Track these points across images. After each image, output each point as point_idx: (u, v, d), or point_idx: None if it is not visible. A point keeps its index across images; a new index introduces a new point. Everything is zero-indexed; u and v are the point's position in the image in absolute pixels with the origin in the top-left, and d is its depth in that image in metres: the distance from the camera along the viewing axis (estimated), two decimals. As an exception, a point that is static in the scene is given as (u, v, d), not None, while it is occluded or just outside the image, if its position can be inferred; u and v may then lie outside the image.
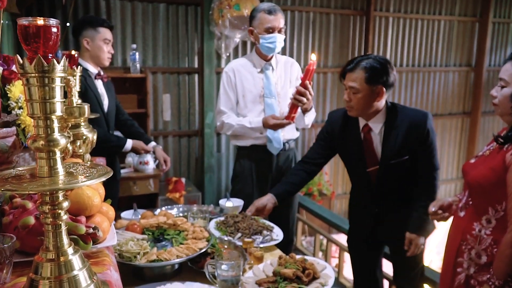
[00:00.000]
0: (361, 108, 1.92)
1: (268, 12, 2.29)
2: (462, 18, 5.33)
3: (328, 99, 4.87)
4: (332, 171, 5.07)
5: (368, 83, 1.85)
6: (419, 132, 1.90)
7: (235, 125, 2.39)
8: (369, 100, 1.89)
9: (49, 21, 0.65)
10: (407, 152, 1.93)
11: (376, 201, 2.07)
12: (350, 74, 1.89)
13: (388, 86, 1.89)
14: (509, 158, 1.37)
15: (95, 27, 2.51)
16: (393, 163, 1.95)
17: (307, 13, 4.56)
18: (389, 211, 2.06)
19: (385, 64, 1.86)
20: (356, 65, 1.87)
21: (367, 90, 1.86)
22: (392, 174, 1.98)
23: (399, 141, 1.92)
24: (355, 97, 1.89)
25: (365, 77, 1.84)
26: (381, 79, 1.85)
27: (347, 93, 1.92)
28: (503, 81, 1.45)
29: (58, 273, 0.66)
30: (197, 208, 2.11)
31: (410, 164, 1.95)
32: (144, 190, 3.52)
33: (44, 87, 0.63)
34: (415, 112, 1.97)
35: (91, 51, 2.51)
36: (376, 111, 1.95)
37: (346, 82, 1.91)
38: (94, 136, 1.40)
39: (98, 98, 2.52)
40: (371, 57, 1.89)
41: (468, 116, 5.64)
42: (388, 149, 1.95)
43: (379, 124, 1.97)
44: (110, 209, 1.14)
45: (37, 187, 0.62)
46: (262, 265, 1.58)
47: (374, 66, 1.84)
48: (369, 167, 2.01)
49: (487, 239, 1.44)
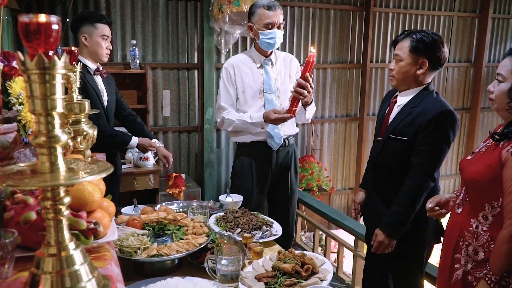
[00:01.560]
0: (401, 78, 1.94)
1: (267, 8, 2.29)
2: (462, 13, 5.33)
3: (328, 95, 4.88)
4: (332, 167, 5.08)
5: (412, 52, 1.88)
6: (423, 119, 1.85)
7: (236, 120, 2.39)
8: (409, 69, 1.90)
9: (50, 18, 0.65)
10: (407, 135, 1.89)
11: (373, 175, 2.10)
12: (400, 43, 1.93)
13: (434, 61, 1.89)
14: (505, 154, 1.38)
15: (93, 23, 2.49)
16: (392, 138, 1.93)
17: (307, 8, 4.55)
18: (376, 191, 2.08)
19: (435, 39, 1.88)
20: (407, 35, 1.92)
21: (410, 59, 1.89)
22: (389, 151, 1.97)
23: (407, 121, 1.90)
24: (398, 65, 1.93)
25: (411, 46, 1.88)
26: (426, 51, 1.87)
27: (393, 62, 1.97)
28: (501, 76, 1.46)
29: (60, 267, 0.67)
30: (197, 204, 2.11)
31: (405, 151, 1.90)
32: (144, 185, 3.54)
33: (45, 83, 0.64)
34: (436, 101, 1.90)
35: (89, 47, 2.51)
36: (414, 86, 1.95)
37: (394, 51, 1.96)
38: (94, 132, 1.40)
39: (98, 93, 2.52)
40: (424, 31, 1.91)
41: (467, 112, 5.65)
42: (394, 124, 1.95)
43: (405, 99, 1.97)
44: (110, 205, 1.15)
45: (39, 183, 0.63)
46: (262, 260, 1.59)
47: (422, 39, 1.87)
48: (380, 137, 2.04)
49: (484, 235, 1.45)
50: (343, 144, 5.11)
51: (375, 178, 2.10)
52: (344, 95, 4.97)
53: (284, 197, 2.60)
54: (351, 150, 5.16)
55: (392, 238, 1.92)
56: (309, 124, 4.76)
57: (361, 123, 5.07)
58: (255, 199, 2.51)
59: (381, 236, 1.93)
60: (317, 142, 4.91)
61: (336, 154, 5.09)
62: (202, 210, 1.92)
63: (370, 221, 2.21)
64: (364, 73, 4.94)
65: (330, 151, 5.04)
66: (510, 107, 1.43)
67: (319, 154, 4.94)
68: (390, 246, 1.94)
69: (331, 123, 4.98)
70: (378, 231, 1.95)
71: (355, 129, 5.13)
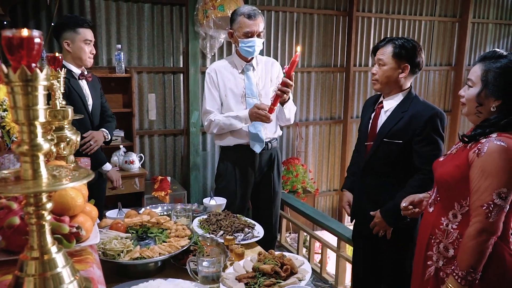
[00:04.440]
0: (384, 82, 2.04)
1: (247, 16, 2.34)
2: (442, 18, 5.46)
3: (312, 98, 4.95)
4: (316, 168, 5.15)
5: (395, 57, 1.98)
6: (418, 122, 1.97)
7: (222, 119, 2.43)
8: (392, 74, 2.01)
9: (32, 33, 0.69)
10: (402, 138, 2.00)
11: (362, 178, 2.16)
12: (381, 49, 2.03)
13: (414, 66, 2.00)
14: (471, 155, 1.45)
15: (74, 28, 2.48)
16: (386, 142, 2.02)
17: (291, 13, 4.62)
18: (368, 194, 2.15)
19: (415, 46, 2.00)
20: (388, 41, 2.02)
21: (392, 64, 1.99)
22: (381, 154, 2.05)
23: (400, 125, 2.01)
24: (381, 69, 2.02)
25: (393, 51, 1.99)
26: (407, 57, 1.98)
27: (375, 67, 2.06)
28: (470, 81, 1.53)
29: (42, 270, 0.70)
30: (181, 207, 2.15)
31: (400, 153, 2.00)
32: (130, 188, 3.55)
33: (28, 95, 0.67)
34: (425, 105, 2.03)
35: (72, 53, 2.50)
36: (397, 90, 2.05)
37: (376, 56, 2.05)
38: (77, 138, 1.43)
39: (83, 98, 2.53)
40: (404, 37, 2.03)
41: (449, 114, 5.77)
42: (387, 128, 2.03)
43: (392, 104, 2.06)
44: (93, 209, 1.18)
45: (22, 190, 0.66)
46: (243, 261, 1.64)
47: (404, 45, 1.98)
48: (368, 141, 2.12)
49: (454, 233, 1.52)
50: (328, 146, 5.19)
51: (365, 181, 2.16)
52: (328, 98, 5.05)
53: (267, 199, 2.65)
54: (335, 152, 5.24)
55: (389, 224, 2.02)
56: (294, 127, 4.83)
57: (345, 125, 5.15)
58: (239, 201, 2.55)
59: (379, 218, 2.03)
60: (302, 144, 4.97)
61: (320, 156, 5.16)
62: (186, 213, 1.95)
63: (360, 224, 2.27)
64: (348, 76, 5.03)
65: (314, 153, 5.11)
66: (478, 111, 1.51)
67: (304, 156, 5.00)
68: (384, 230, 2.03)
69: (315, 126, 5.05)
70: (377, 214, 2.05)
71: (339, 132, 5.21)
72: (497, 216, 1.38)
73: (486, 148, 1.40)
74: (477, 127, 1.52)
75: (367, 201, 2.16)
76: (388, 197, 2.05)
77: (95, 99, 2.65)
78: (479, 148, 1.43)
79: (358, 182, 2.21)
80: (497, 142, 1.39)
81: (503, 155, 1.37)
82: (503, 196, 1.37)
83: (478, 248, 1.38)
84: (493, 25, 5.84)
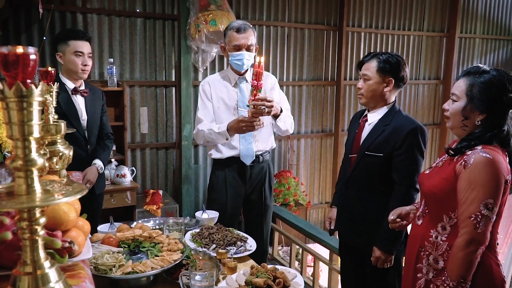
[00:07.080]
0: (369, 96, 2.07)
1: (236, 30, 2.38)
2: (430, 33, 5.57)
3: (304, 111, 4.99)
4: (308, 181, 5.17)
5: (380, 72, 2.02)
6: (398, 136, 1.99)
7: (206, 130, 2.44)
8: (377, 88, 2.04)
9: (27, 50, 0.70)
10: (384, 151, 2.01)
11: (345, 190, 2.17)
12: (366, 64, 2.08)
13: (398, 80, 2.04)
14: (458, 168, 1.48)
15: (65, 40, 2.49)
16: (368, 155, 2.04)
17: (282, 28, 4.68)
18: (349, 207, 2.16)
19: (399, 60, 2.05)
20: (373, 57, 2.07)
21: (377, 78, 2.03)
22: (363, 167, 2.07)
23: (381, 138, 2.03)
24: (366, 84, 2.06)
25: (378, 66, 2.03)
26: (392, 71, 2.02)
27: (360, 81, 2.10)
28: (455, 96, 1.57)
29: (35, 285, 0.70)
30: (173, 221, 2.14)
31: (381, 166, 2.02)
32: (121, 202, 3.53)
33: (23, 111, 0.67)
34: (407, 119, 2.06)
35: (64, 65, 2.51)
36: (382, 104, 2.09)
37: (361, 71, 2.09)
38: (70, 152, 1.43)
39: (74, 114, 2.51)
40: (388, 52, 2.08)
41: (437, 127, 5.86)
42: (369, 141, 2.06)
43: (376, 117, 2.10)
44: (85, 224, 1.18)
45: (15, 205, 0.66)
46: (235, 275, 1.64)
47: (388, 59, 2.02)
48: (352, 154, 2.15)
49: (443, 245, 1.54)
50: (319, 159, 5.22)
51: (347, 193, 2.18)
52: (320, 111, 5.10)
53: (259, 213, 2.65)
54: (327, 165, 5.26)
55: (389, 253, 1.99)
56: (286, 140, 4.85)
57: (336, 138, 5.19)
58: (229, 213, 2.55)
59: (377, 252, 2.01)
60: (294, 157, 5.00)
61: (312, 168, 5.19)
62: (178, 227, 1.95)
63: (342, 236, 2.29)
64: (338, 90, 5.09)
65: (306, 166, 5.13)
66: (464, 125, 1.54)
67: (296, 169, 5.02)
68: (388, 261, 2.01)
69: (307, 139, 5.08)
70: (375, 248, 2.02)
71: (331, 144, 5.25)
72: (484, 226, 1.40)
73: (473, 160, 1.43)
74: (462, 140, 1.56)
75: (348, 213, 2.18)
76: (367, 210, 2.07)
77: (92, 114, 2.62)
78: (466, 160, 1.46)
79: (342, 194, 2.23)
80: (482, 154, 1.43)
81: (488, 167, 1.40)
82: (490, 207, 1.40)
83: (467, 258, 1.40)
84: (480, 40, 5.97)
